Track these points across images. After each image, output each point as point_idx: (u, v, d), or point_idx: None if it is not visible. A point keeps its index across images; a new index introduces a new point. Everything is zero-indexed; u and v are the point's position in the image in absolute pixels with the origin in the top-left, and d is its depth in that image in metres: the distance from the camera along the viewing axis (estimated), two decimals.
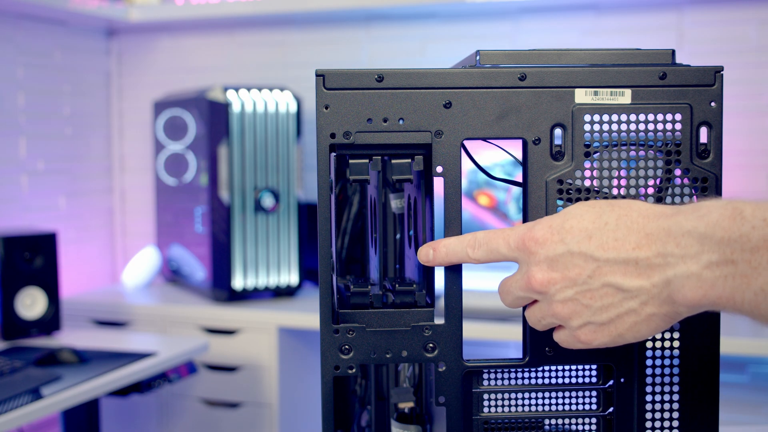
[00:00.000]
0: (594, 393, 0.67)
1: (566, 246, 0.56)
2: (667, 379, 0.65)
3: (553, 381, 0.67)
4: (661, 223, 0.54)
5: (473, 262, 0.61)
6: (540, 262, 0.57)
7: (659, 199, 0.64)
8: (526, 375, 0.67)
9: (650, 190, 0.64)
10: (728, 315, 0.54)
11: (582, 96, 0.64)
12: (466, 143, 0.65)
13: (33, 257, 2.08)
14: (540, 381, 0.67)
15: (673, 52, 0.65)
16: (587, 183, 0.63)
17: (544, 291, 0.57)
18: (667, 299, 0.53)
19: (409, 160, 0.63)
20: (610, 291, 0.54)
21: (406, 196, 0.73)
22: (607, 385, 0.66)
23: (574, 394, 0.67)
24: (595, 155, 0.63)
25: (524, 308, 0.62)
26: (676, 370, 0.65)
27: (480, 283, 2.07)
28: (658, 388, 0.65)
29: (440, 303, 0.66)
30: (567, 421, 0.67)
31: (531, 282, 0.57)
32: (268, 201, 2.34)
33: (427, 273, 0.66)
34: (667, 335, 0.65)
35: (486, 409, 0.67)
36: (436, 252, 0.63)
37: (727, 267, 0.50)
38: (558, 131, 0.64)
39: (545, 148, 0.64)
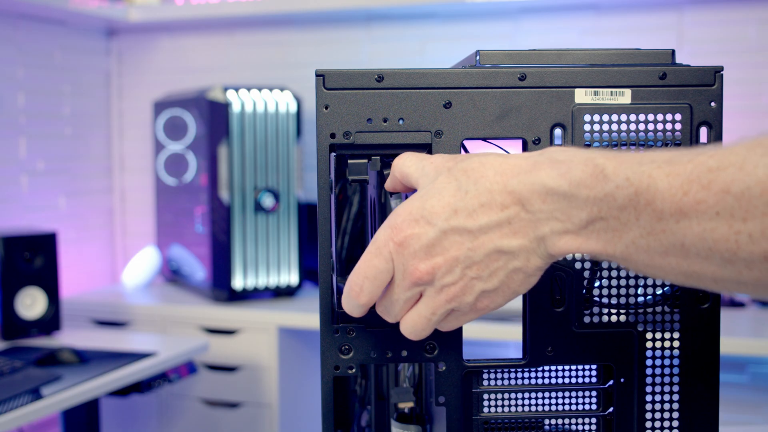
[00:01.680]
0: (594, 393, 0.67)
1: (436, 228, 0.54)
2: (667, 379, 0.65)
3: (553, 381, 0.67)
4: (522, 179, 0.53)
5: (369, 306, 0.58)
6: (416, 253, 0.54)
7: None
8: (526, 375, 0.67)
9: None
10: (728, 315, 0.54)
11: (582, 96, 0.64)
12: (466, 143, 0.65)
13: (33, 257, 2.08)
14: (540, 381, 0.67)
15: (673, 52, 0.65)
16: None
17: (429, 280, 0.54)
18: (546, 253, 0.53)
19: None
20: (494, 256, 0.53)
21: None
22: (607, 385, 0.66)
23: (574, 394, 0.67)
24: None
25: (402, 320, 0.58)
26: (676, 370, 0.65)
27: None
28: (658, 388, 0.65)
29: None
30: (567, 421, 0.67)
31: (415, 275, 0.54)
32: (268, 201, 2.34)
33: None
34: (667, 335, 0.65)
35: (486, 409, 0.66)
36: (351, 313, 0.60)
37: (597, 223, 0.51)
38: (558, 131, 0.64)
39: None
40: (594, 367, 0.67)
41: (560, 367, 0.67)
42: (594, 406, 0.67)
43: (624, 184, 0.49)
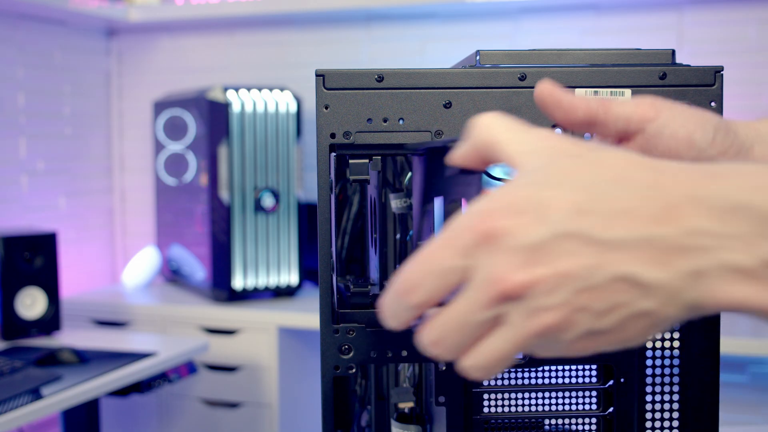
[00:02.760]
0: (594, 393, 0.67)
1: (549, 227, 0.37)
2: (667, 379, 0.65)
3: (553, 381, 0.67)
4: (689, 186, 0.37)
5: (420, 310, 0.41)
6: (510, 254, 0.37)
7: None
8: (526, 375, 0.67)
9: None
10: (728, 315, 0.53)
11: (582, 96, 0.63)
12: None
13: (33, 257, 2.08)
14: (540, 381, 0.67)
15: (673, 52, 0.65)
16: None
17: (519, 296, 0.38)
18: (693, 301, 0.37)
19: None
20: (622, 287, 0.37)
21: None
22: (607, 385, 0.66)
23: (574, 394, 0.67)
24: None
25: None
26: (676, 370, 0.65)
27: None
28: (658, 388, 0.65)
29: None
30: (567, 421, 0.67)
31: (501, 285, 0.38)
32: (268, 201, 2.34)
33: None
34: (667, 335, 0.65)
35: (486, 409, 0.66)
36: (387, 321, 0.43)
37: None
38: (558, 131, 0.64)
39: None
40: (594, 367, 0.67)
41: (560, 367, 0.67)
42: (594, 406, 0.67)
43: None
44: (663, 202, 0.37)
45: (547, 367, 0.67)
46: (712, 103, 0.63)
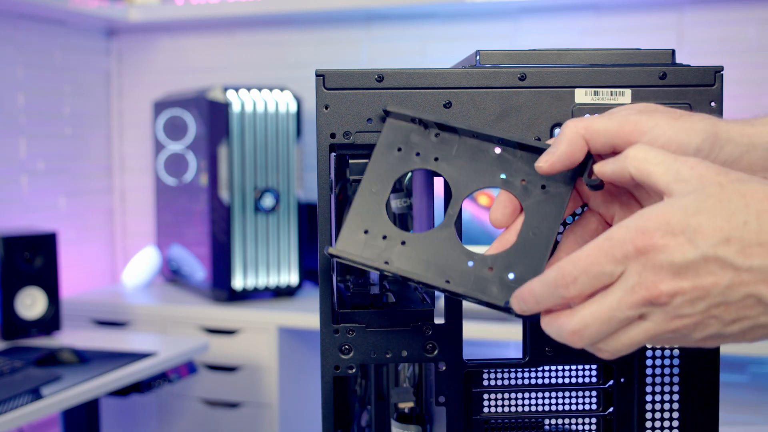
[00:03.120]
0: (594, 393, 0.67)
1: (699, 250, 0.45)
2: (667, 379, 0.65)
3: (553, 381, 0.67)
4: None
5: (571, 301, 0.49)
6: (662, 269, 0.46)
7: None
8: (526, 375, 0.67)
9: None
10: None
11: (582, 96, 0.63)
12: None
13: (33, 257, 2.08)
14: (540, 381, 0.67)
15: (673, 52, 0.65)
16: None
17: (664, 303, 0.46)
18: None
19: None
20: (750, 303, 0.46)
21: None
22: (607, 385, 0.66)
23: (574, 394, 0.67)
24: None
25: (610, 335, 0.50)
26: (676, 370, 0.65)
27: None
28: (658, 388, 0.65)
29: (440, 302, 0.66)
30: (567, 421, 0.67)
31: (651, 293, 0.46)
32: (268, 201, 2.34)
33: None
34: None
35: (486, 409, 0.66)
36: (526, 302, 0.51)
37: None
38: (558, 131, 0.64)
39: None
40: (594, 367, 0.67)
41: (560, 367, 0.67)
42: (594, 406, 0.67)
43: None
44: None
45: (547, 367, 0.67)
46: (712, 103, 0.63)
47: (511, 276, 0.55)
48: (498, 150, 0.59)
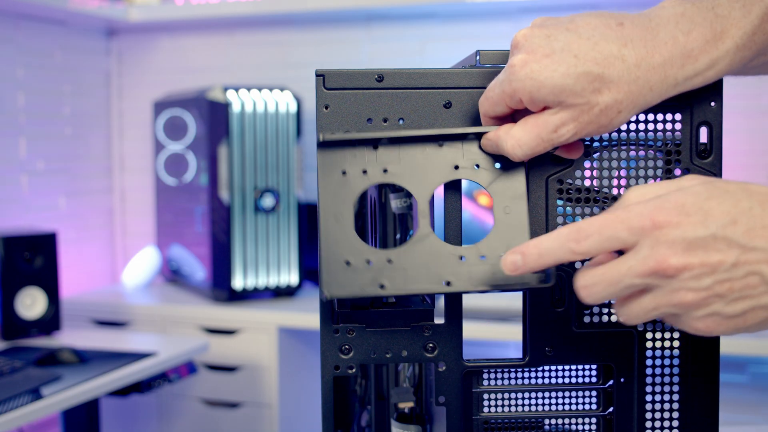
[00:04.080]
0: (594, 393, 0.67)
1: (709, 229, 0.50)
2: (667, 379, 0.65)
3: (553, 381, 0.67)
4: None
5: (576, 258, 0.53)
6: (674, 244, 0.50)
7: None
8: (526, 375, 0.67)
9: None
10: None
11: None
12: None
13: (33, 257, 2.08)
14: (540, 381, 0.67)
15: None
16: (587, 183, 0.63)
17: (671, 275, 0.50)
18: None
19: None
20: (754, 281, 0.50)
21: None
22: (607, 385, 0.66)
23: (574, 394, 0.67)
24: (595, 155, 0.63)
25: (614, 301, 0.55)
26: (676, 370, 0.65)
27: None
28: (658, 388, 0.65)
29: (440, 303, 0.66)
30: (567, 421, 0.67)
31: (661, 265, 0.50)
32: (268, 201, 2.34)
33: None
34: (667, 335, 0.65)
35: (486, 409, 0.66)
36: (526, 256, 0.54)
37: None
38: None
39: None
40: (594, 367, 0.67)
41: (560, 367, 0.67)
42: (594, 406, 0.67)
43: None
44: None
45: (547, 367, 0.67)
46: (712, 103, 0.63)
47: (502, 255, 0.57)
48: (441, 144, 0.60)
